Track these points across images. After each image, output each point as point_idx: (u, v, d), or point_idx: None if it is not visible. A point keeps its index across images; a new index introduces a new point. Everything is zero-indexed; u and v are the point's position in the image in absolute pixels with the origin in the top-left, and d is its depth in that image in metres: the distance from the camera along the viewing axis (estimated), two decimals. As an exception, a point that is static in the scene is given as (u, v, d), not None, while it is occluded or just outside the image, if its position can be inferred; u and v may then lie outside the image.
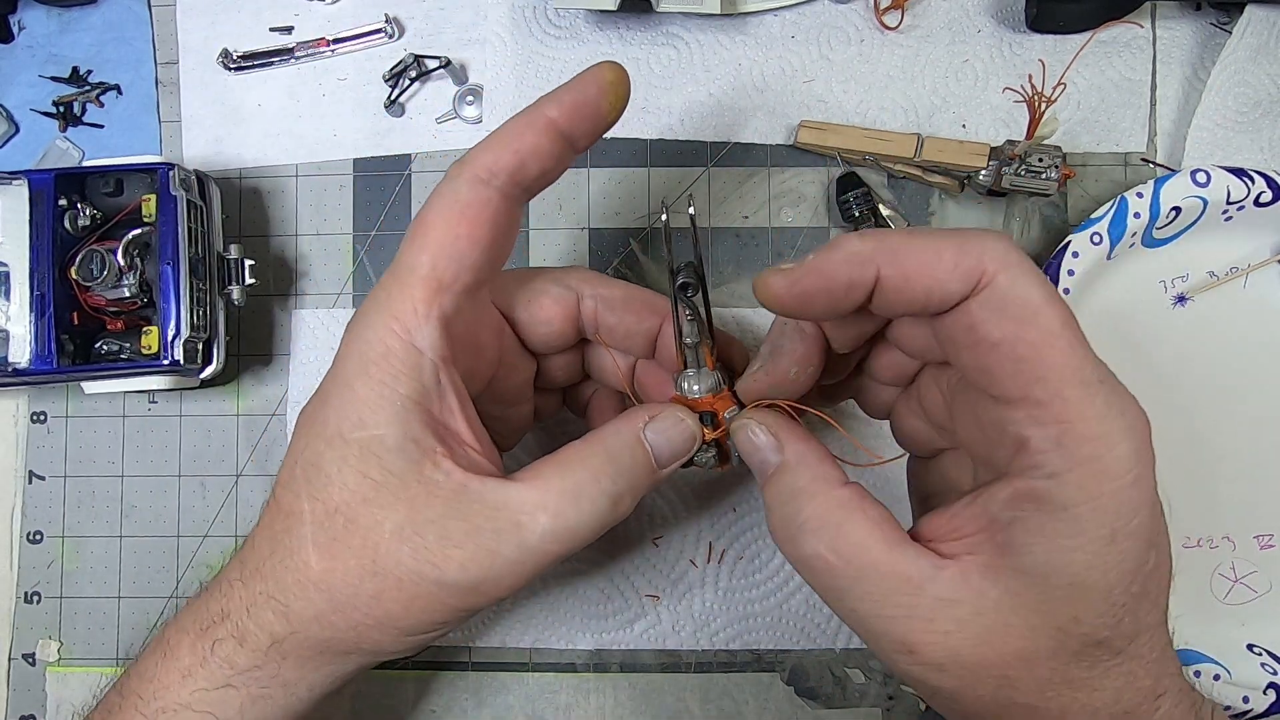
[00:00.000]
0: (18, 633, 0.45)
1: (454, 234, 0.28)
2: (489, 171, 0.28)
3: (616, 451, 0.30)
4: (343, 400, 0.28)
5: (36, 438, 0.45)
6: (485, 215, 0.28)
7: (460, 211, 0.28)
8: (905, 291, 0.25)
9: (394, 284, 0.28)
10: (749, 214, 0.45)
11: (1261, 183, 0.41)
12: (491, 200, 0.28)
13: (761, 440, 0.30)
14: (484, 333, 0.32)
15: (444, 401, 0.29)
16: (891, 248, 0.25)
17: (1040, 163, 0.41)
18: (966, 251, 0.24)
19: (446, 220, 0.28)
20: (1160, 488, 0.25)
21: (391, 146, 0.46)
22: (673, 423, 0.31)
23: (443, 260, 0.28)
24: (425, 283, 0.28)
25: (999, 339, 0.24)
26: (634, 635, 0.43)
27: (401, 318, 0.28)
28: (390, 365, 0.28)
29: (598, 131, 0.30)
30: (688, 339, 0.31)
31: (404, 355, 0.28)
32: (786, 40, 0.45)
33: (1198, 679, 0.39)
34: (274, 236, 0.46)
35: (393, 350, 0.28)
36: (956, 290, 0.25)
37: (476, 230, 0.28)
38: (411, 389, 0.28)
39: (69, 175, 0.41)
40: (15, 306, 0.40)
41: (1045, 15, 0.43)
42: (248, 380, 0.45)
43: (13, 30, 0.47)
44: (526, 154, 0.29)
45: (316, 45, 0.46)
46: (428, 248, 0.28)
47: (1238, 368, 0.43)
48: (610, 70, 0.29)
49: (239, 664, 0.29)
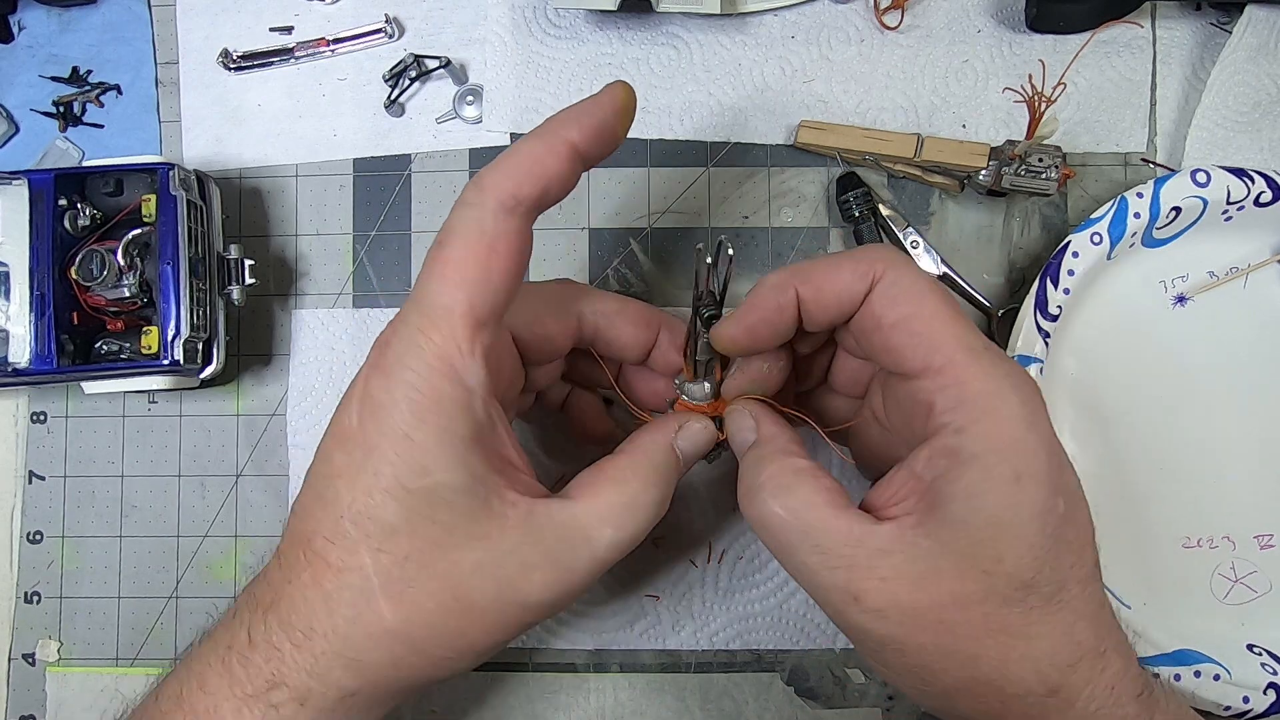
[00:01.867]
0: (18, 633, 0.45)
1: (486, 269, 0.28)
2: (514, 199, 0.28)
3: (658, 461, 0.32)
4: (399, 451, 0.27)
5: (36, 438, 0.45)
6: (515, 247, 0.29)
7: (490, 245, 0.28)
8: (821, 301, 0.30)
9: (430, 326, 0.28)
10: (749, 214, 0.45)
11: (1261, 183, 0.40)
12: (519, 230, 0.29)
13: (745, 421, 0.34)
14: (504, 357, 0.33)
15: (495, 434, 0.29)
16: (802, 271, 0.31)
17: (1040, 163, 0.41)
18: (859, 260, 0.30)
19: (477, 255, 0.28)
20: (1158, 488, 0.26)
21: (391, 146, 0.46)
22: (698, 431, 0.34)
23: (479, 297, 0.28)
24: (465, 321, 0.28)
25: (896, 319, 0.29)
26: (634, 635, 0.43)
27: (448, 359, 0.28)
28: (445, 409, 0.28)
29: (609, 152, 0.31)
30: (700, 356, 0.34)
31: (457, 396, 0.28)
32: (786, 40, 0.45)
33: (1197, 679, 0.39)
34: (274, 236, 0.46)
35: (445, 393, 0.28)
36: (859, 289, 0.30)
37: (508, 263, 0.28)
38: (470, 429, 0.28)
39: (69, 175, 0.41)
40: (15, 306, 0.40)
41: (1045, 15, 0.43)
42: (248, 380, 0.45)
43: (13, 30, 0.47)
44: (551, 180, 0.29)
45: (316, 45, 0.46)
46: (463, 286, 0.28)
47: (1238, 368, 0.43)
48: (624, 92, 0.30)
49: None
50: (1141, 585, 0.41)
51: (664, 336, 0.36)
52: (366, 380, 0.29)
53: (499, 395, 0.30)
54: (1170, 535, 0.42)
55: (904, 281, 0.29)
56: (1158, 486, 0.42)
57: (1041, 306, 0.40)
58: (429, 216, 0.45)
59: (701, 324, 0.33)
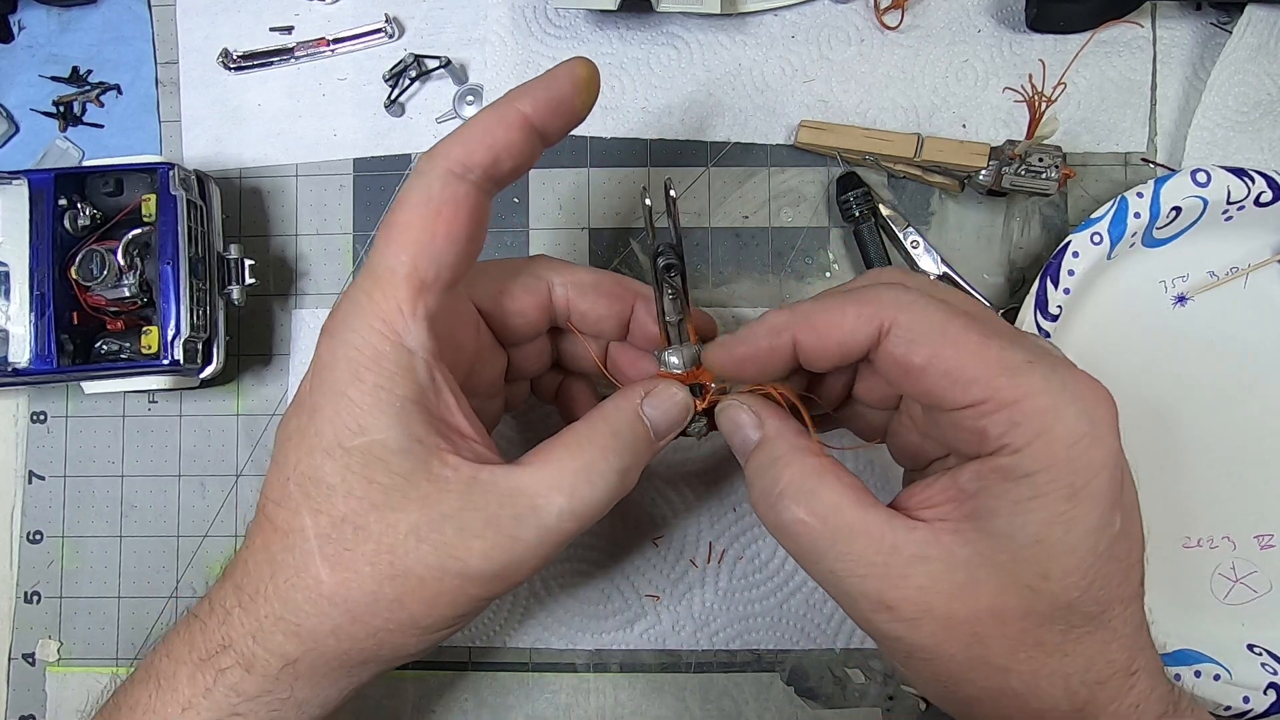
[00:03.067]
0: (18, 633, 0.45)
1: (431, 232, 0.28)
2: (462, 166, 0.28)
3: (619, 428, 0.30)
4: (336, 409, 0.27)
5: (36, 438, 0.45)
6: (462, 212, 0.28)
7: (436, 209, 0.28)
8: (823, 349, 0.29)
9: (374, 286, 0.28)
10: (749, 214, 0.45)
11: (1261, 183, 0.40)
12: (467, 195, 0.28)
13: (743, 419, 0.31)
14: (461, 328, 0.32)
15: (440, 398, 0.29)
16: (805, 314, 0.29)
17: (1040, 163, 0.41)
18: (864, 304, 0.28)
19: (423, 218, 0.28)
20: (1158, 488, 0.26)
21: (391, 146, 0.46)
22: (667, 396, 0.32)
23: (423, 259, 0.28)
24: (408, 282, 0.28)
25: (921, 363, 0.27)
26: (634, 635, 0.43)
27: (388, 319, 0.28)
28: (384, 368, 0.27)
29: (569, 127, 0.30)
30: (670, 317, 0.32)
31: (396, 356, 0.28)
32: (786, 40, 0.45)
33: (1198, 679, 0.39)
34: (274, 236, 0.46)
35: (384, 353, 0.28)
36: (865, 338, 0.28)
37: (454, 228, 0.28)
38: (409, 390, 0.28)
39: (69, 175, 0.41)
40: (15, 306, 0.40)
41: (1045, 15, 0.43)
42: (248, 380, 0.45)
43: (13, 30, 0.47)
44: (500, 149, 0.29)
45: (316, 45, 0.46)
46: (407, 247, 0.28)
47: (1238, 368, 0.43)
48: (583, 66, 0.30)
49: (247, 691, 0.28)
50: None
51: (640, 306, 0.34)
52: (319, 347, 0.29)
53: (454, 360, 0.30)
54: (1170, 535, 0.42)
55: (917, 323, 0.27)
56: (1158, 486, 0.42)
57: (1041, 306, 0.40)
58: (429, 216, 0.45)
59: (665, 280, 0.31)
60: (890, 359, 0.28)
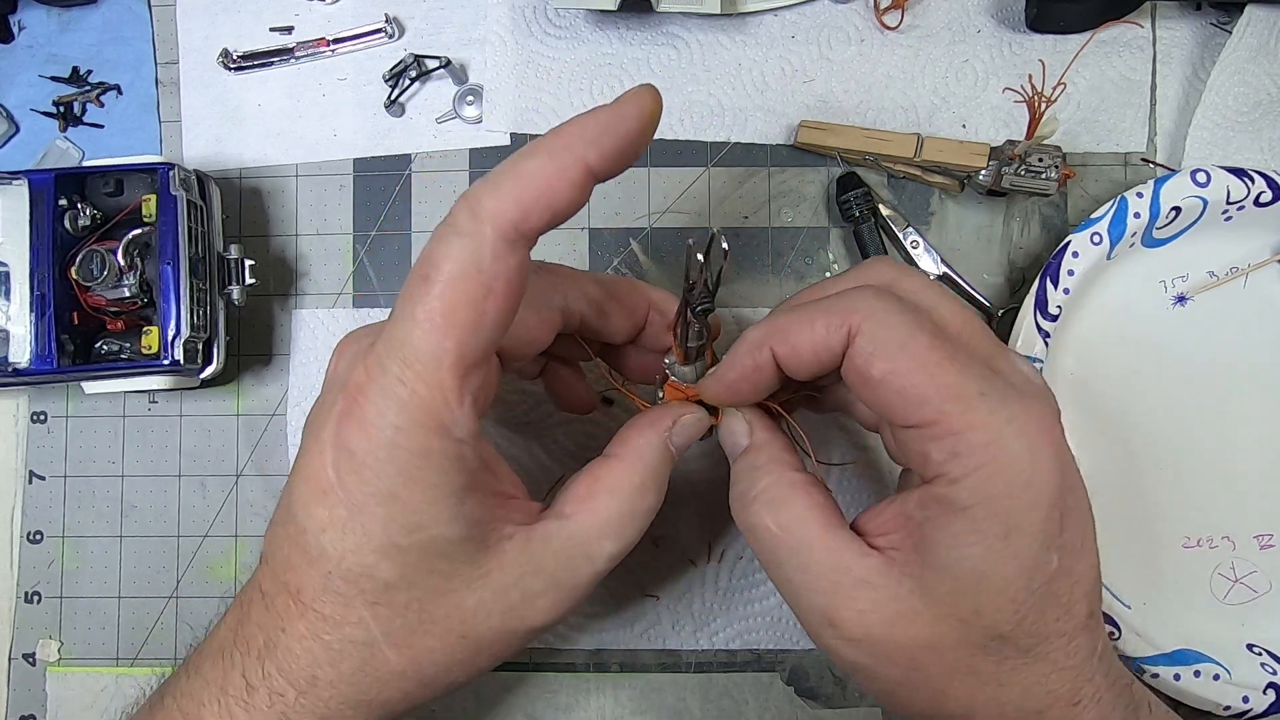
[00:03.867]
0: (18, 633, 0.45)
1: (480, 312, 0.24)
2: (516, 232, 0.24)
3: (652, 463, 0.31)
4: (389, 511, 0.26)
5: (36, 438, 0.45)
6: (515, 286, 0.25)
7: (487, 286, 0.24)
8: (800, 359, 0.29)
9: (413, 376, 0.25)
10: (749, 214, 0.45)
11: (1261, 183, 0.40)
12: (519, 267, 0.25)
13: (737, 426, 0.33)
14: (492, 380, 0.30)
15: (488, 474, 0.28)
16: (779, 329, 0.29)
17: (1040, 163, 0.41)
18: (833, 312, 0.28)
19: (470, 298, 0.24)
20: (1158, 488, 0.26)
21: (391, 146, 0.46)
22: (693, 424, 0.33)
23: (469, 344, 0.25)
24: (454, 372, 0.25)
25: (878, 376, 0.27)
26: (634, 635, 0.43)
27: (434, 412, 0.25)
28: (434, 463, 0.25)
29: (628, 167, 0.27)
30: (692, 343, 0.33)
31: (444, 449, 0.25)
32: (786, 40, 0.45)
33: (1197, 679, 0.39)
34: (274, 236, 0.46)
35: (432, 449, 0.25)
36: (835, 343, 0.28)
37: (505, 304, 0.25)
38: (462, 480, 0.26)
39: (69, 175, 0.41)
40: (15, 306, 0.40)
41: (1045, 15, 0.43)
42: (248, 380, 0.45)
43: (13, 30, 0.47)
44: (559, 208, 0.25)
45: (316, 45, 0.46)
46: (452, 332, 0.24)
47: (1238, 368, 0.43)
48: (652, 102, 0.26)
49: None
50: (1141, 585, 0.41)
51: (654, 317, 0.35)
52: (340, 428, 0.26)
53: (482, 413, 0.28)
54: (1170, 535, 0.42)
55: (881, 333, 0.27)
56: (1158, 486, 0.42)
57: (1041, 306, 0.40)
58: (429, 216, 0.45)
59: (693, 315, 0.32)
60: (851, 366, 0.28)
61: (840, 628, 0.28)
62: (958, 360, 0.27)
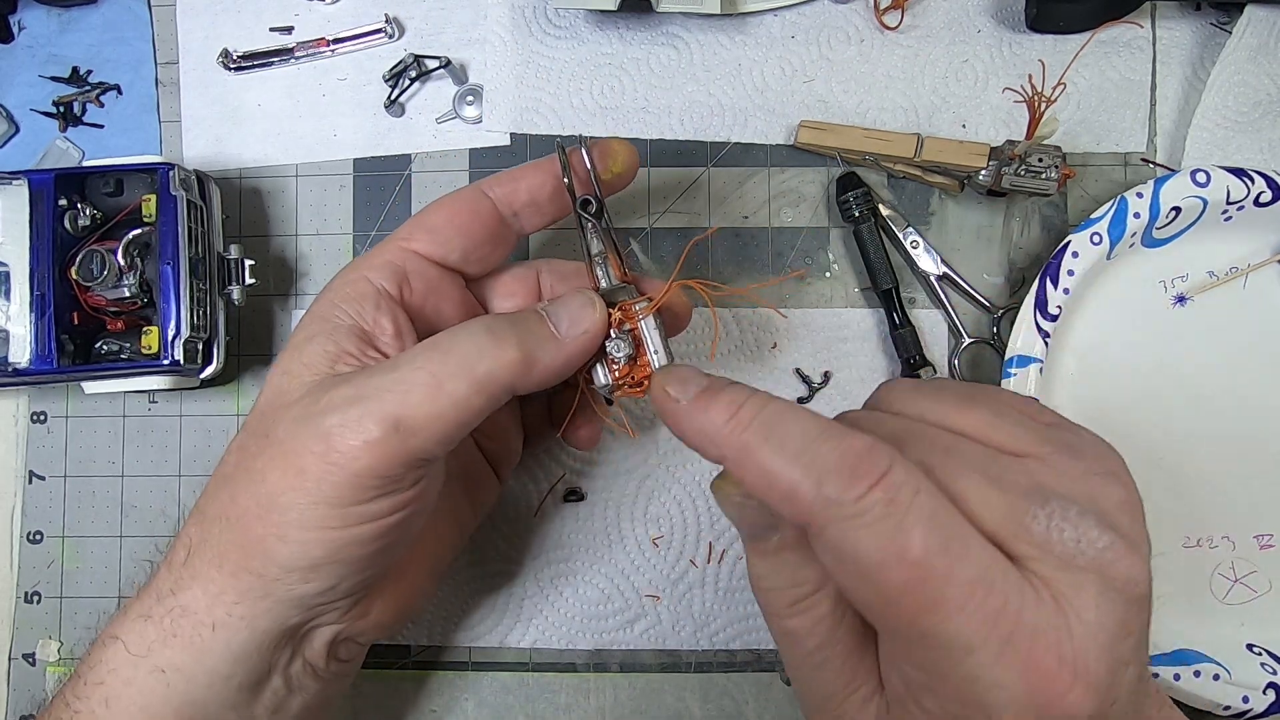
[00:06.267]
0: (18, 632, 0.45)
1: (437, 217, 0.34)
2: (487, 185, 0.34)
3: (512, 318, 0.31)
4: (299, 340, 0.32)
5: (36, 438, 0.45)
6: (467, 206, 0.34)
7: (446, 203, 0.34)
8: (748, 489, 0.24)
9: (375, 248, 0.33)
10: (749, 214, 0.45)
11: (1261, 183, 0.40)
12: (477, 198, 0.34)
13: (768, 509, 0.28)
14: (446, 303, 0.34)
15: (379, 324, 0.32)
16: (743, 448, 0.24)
17: (1040, 163, 0.41)
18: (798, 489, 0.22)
19: (436, 208, 0.34)
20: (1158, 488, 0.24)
21: (391, 146, 0.46)
22: (571, 295, 0.32)
23: (419, 231, 0.33)
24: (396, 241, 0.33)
25: (845, 587, 0.23)
26: (634, 635, 0.43)
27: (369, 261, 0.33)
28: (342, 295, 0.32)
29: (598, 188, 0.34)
30: (595, 253, 0.33)
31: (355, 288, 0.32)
32: (786, 40, 0.45)
33: (1197, 679, 0.39)
34: (274, 236, 0.46)
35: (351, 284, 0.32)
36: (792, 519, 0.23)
37: (458, 218, 0.34)
38: (351, 313, 0.32)
39: (69, 175, 0.41)
40: (15, 306, 0.40)
41: (1045, 15, 0.43)
42: (248, 380, 0.45)
43: (13, 30, 0.47)
44: (520, 180, 0.34)
45: (316, 45, 0.46)
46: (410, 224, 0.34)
47: (1238, 368, 0.43)
48: (623, 149, 0.35)
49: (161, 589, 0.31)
50: (1141, 585, 0.41)
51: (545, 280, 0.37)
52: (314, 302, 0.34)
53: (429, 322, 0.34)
54: (1170, 535, 0.42)
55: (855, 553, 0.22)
56: (1158, 486, 0.42)
57: (1041, 306, 0.40)
58: (429, 216, 0.45)
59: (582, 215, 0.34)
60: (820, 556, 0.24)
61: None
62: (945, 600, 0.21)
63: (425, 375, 0.28)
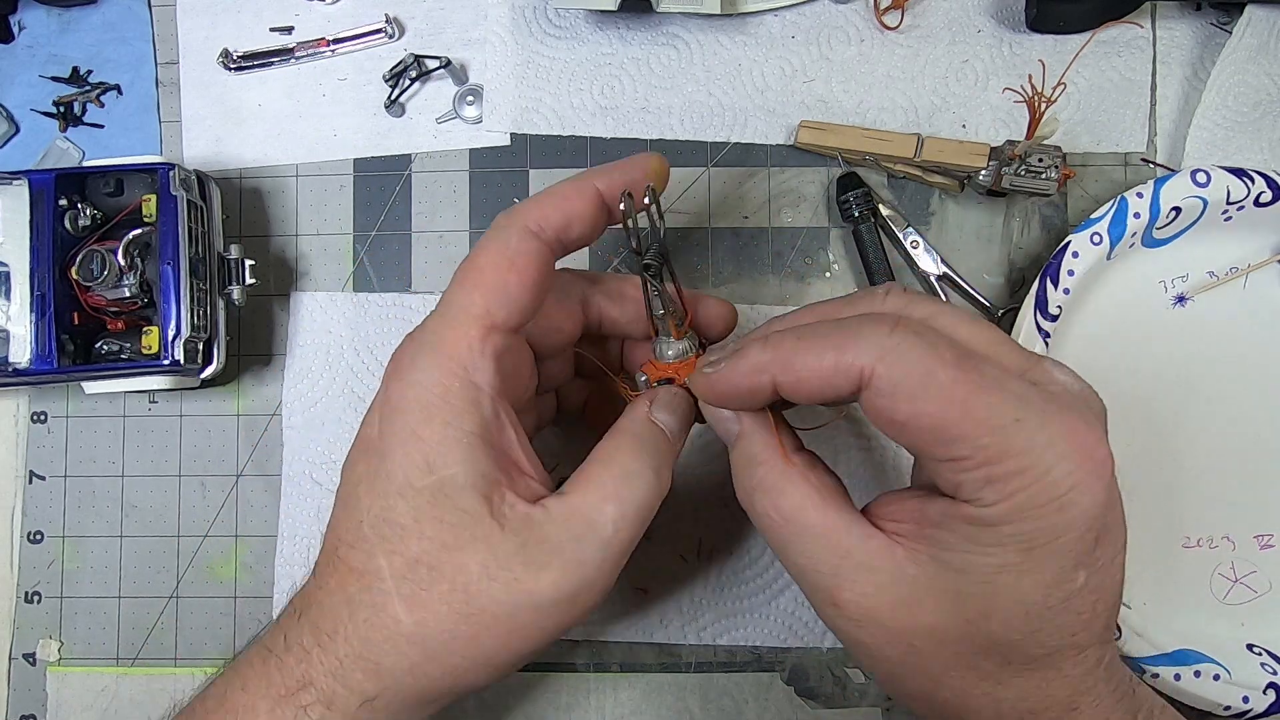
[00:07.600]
0: (18, 633, 0.45)
1: (504, 279, 0.30)
2: (538, 225, 0.31)
3: (639, 433, 0.32)
4: (408, 450, 0.29)
5: (36, 438, 0.45)
6: (533, 264, 0.30)
7: (510, 259, 0.30)
8: (803, 391, 0.28)
9: (445, 326, 0.29)
10: (749, 214, 0.45)
11: (1261, 183, 0.40)
12: (539, 251, 0.30)
13: (724, 412, 0.32)
14: (522, 367, 0.33)
15: (504, 434, 0.30)
16: (784, 358, 0.28)
17: (1040, 163, 0.41)
18: (843, 351, 0.27)
19: (497, 266, 0.30)
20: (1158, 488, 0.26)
21: (391, 146, 0.46)
22: (670, 396, 0.33)
23: (495, 302, 0.29)
24: (479, 322, 0.29)
25: (904, 419, 0.26)
26: (620, 628, 0.43)
27: (457, 356, 0.29)
28: (453, 405, 0.29)
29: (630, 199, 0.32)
30: (657, 312, 0.33)
31: (464, 393, 0.29)
32: (786, 40, 0.45)
33: (1197, 679, 0.39)
34: (274, 236, 0.46)
35: (452, 390, 0.29)
36: (846, 388, 0.27)
37: (525, 277, 0.30)
38: (476, 425, 0.29)
39: (69, 175, 0.41)
40: (15, 306, 0.40)
41: (1045, 15, 0.43)
42: (248, 380, 0.45)
43: (13, 30, 0.47)
44: (573, 216, 0.31)
45: (316, 45, 0.46)
46: (480, 289, 0.30)
47: (1238, 368, 0.43)
48: (656, 160, 0.33)
49: None
50: (1141, 585, 0.41)
51: (595, 305, 0.36)
52: (387, 389, 0.30)
53: (514, 399, 0.31)
54: (1170, 535, 0.42)
55: (900, 373, 0.26)
56: (1158, 486, 0.42)
57: (1041, 306, 0.40)
58: (429, 216, 0.45)
59: (646, 278, 0.33)
60: (872, 407, 0.27)
61: (843, 609, 0.28)
62: (987, 386, 0.25)
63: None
